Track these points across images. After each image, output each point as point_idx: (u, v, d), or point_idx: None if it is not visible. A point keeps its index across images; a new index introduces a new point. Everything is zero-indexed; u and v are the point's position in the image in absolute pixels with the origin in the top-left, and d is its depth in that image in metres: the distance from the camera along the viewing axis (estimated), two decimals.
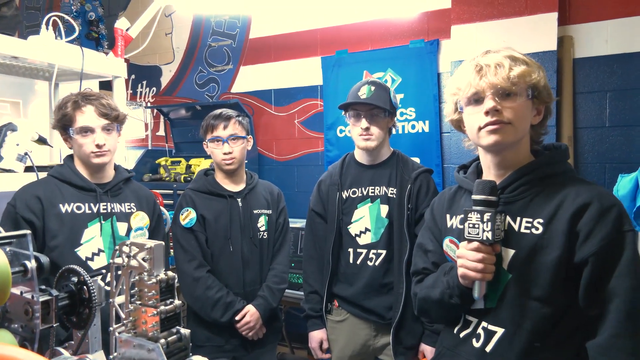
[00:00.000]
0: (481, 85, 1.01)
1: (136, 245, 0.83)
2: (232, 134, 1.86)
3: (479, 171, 1.17)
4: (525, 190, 1.05)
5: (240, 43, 3.46)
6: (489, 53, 1.05)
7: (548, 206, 1.01)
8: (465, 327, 1.11)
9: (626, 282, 0.94)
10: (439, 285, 1.13)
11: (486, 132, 1.02)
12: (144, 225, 1.73)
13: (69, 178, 1.61)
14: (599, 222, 0.96)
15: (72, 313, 0.91)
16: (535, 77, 1.02)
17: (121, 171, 1.74)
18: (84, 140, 1.57)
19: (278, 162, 3.38)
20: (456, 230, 1.16)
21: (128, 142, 3.88)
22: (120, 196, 1.69)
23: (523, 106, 1.02)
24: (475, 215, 0.99)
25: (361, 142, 1.74)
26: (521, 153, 1.08)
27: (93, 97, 1.60)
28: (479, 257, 0.99)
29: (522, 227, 1.03)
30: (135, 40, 2.31)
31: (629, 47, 2.35)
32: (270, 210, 1.98)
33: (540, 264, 0.99)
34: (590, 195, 0.99)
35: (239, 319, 1.82)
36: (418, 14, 2.85)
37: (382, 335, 1.77)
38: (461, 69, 1.08)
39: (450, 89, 1.11)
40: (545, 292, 0.99)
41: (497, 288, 1.04)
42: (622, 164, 2.39)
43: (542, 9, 2.38)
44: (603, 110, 2.45)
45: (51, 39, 1.85)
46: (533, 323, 1.00)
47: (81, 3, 3.49)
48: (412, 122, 2.87)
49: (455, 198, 1.21)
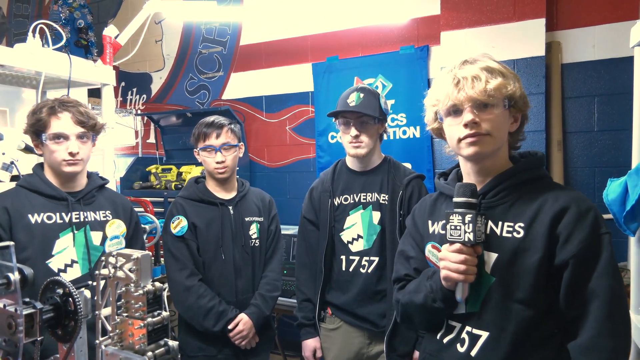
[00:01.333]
0: (459, 98, 1.04)
1: (122, 256, 0.81)
2: (225, 142, 1.84)
3: (459, 177, 1.19)
4: (506, 196, 1.07)
5: (231, 50, 3.46)
6: (466, 64, 1.07)
7: (528, 210, 1.04)
8: (449, 332, 1.12)
9: (605, 283, 0.97)
10: (422, 290, 1.13)
11: (466, 144, 1.05)
12: (121, 234, 1.67)
13: (38, 187, 1.54)
14: (578, 225, 0.99)
15: (57, 326, 0.89)
16: (511, 88, 1.04)
17: (94, 178, 1.68)
18: (57, 147, 1.51)
19: (269, 169, 3.37)
20: (438, 235, 1.16)
21: (118, 149, 3.85)
22: (93, 204, 1.63)
23: (500, 117, 1.05)
24: (457, 217, 1.01)
25: (351, 149, 1.74)
26: (500, 160, 1.11)
27: (70, 103, 1.54)
28: (461, 258, 1.00)
29: (504, 231, 1.05)
30: (125, 47, 2.29)
31: (616, 53, 2.39)
32: (261, 218, 1.96)
33: (523, 266, 1.01)
34: (568, 200, 1.02)
35: (232, 328, 1.80)
36: (408, 20, 2.86)
37: (375, 343, 1.76)
38: (439, 79, 1.10)
39: (430, 100, 1.14)
40: (527, 294, 1.01)
41: (479, 292, 1.06)
42: (611, 167, 2.42)
43: (530, 15, 2.40)
44: (591, 115, 2.48)
45: (38, 47, 1.83)
46: (516, 326, 1.01)
47: (70, 11, 3.46)
48: (403, 127, 2.88)
49: (437, 204, 1.22)
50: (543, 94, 2.42)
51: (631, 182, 1.31)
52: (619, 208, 1.35)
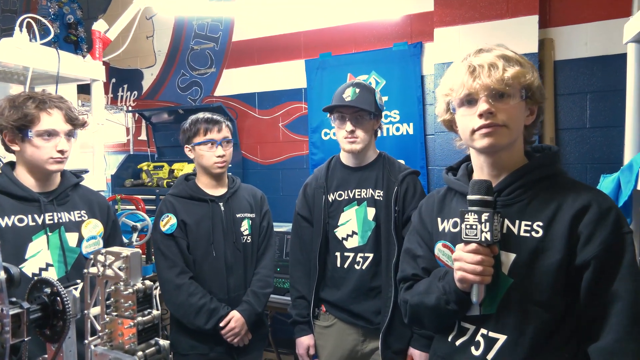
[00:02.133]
0: (474, 87, 0.99)
1: (112, 254, 0.79)
2: (225, 136, 1.86)
3: (470, 172, 1.14)
4: (522, 193, 1.03)
5: (223, 46, 3.43)
6: (481, 52, 1.02)
7: (547, 209, 1.00)
8: (461, 334, 1.08)
9: (628, 285, 0.93)
10: (433, 291, 1.08)
11: (480, 135, 1.00)
12: (98, 234, 1.60)
13: (7, 188, 1.46)
14: (599, 224, 0.95)
15: (45, 326, 0.87)
16: (530, 78, 1.00)
17: (68, 177, 1.61)
18: (45, 144, 1.44)
19: (262, 166, 3.35)
20: (449, 233, 1.12)
21: (109, 147, 3.81)
22: (68, 204, 1.56)
23: (517, 108, 1.00)
24: (473, 216, 0.96)
25: (346, 145, 1.73)
26: (515, 154, 1.06)
27: (58, 99, 1.49)
28: (477, 259, 0.96)
29: (522, 230, 1.00)
30: (115, 42, 2.26)
31: (608, 50, 2.39)
32: (253, 214, 1.95)
33: (542, 267, 0.98)
34: (588, 198, 0.98)
35: (224, 326, 1.78)
36: (401, 16, 2.85)
37: (370, 340, 1.75)
38: (453, 68, 1.05)
39: (442, 89, 1.08)
40: (547, 296, 0.97)
41: (496, 293, 1.02)
42: (604, 164, 2.42)
43: (523, 11, 2.40)
44: (584, 112, 2.48)
45: (25, 42, 1.79)
46: (535, 329, 0.98)
47: (59, 6, 3.41)
48: (397, 124, 2.87)
49: (446, 201, 1.17)
50: None
51: (624, 178, 1.31)
52: None
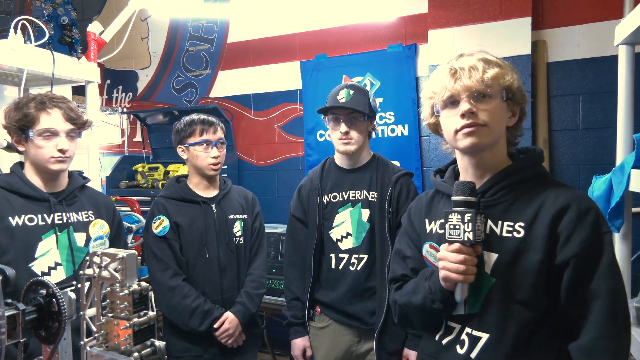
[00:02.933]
0: (456, 88, 1.01)
1: (108, 256, 0.80)
2: (220, 138, 1.86)
3: (456, 174, 1.17)
4: (506, 194, 1.05)
5: (218, 47, 3.43)
6: (462, 56, 1.06)
7: (528, 209, 1.02)
8: (448, 333, 1.10)
9: (607, 284, 0.95)
10: (420, 291, 1.10)
11: (462, 135, 1.02)
12: (104, 234, 1.63)
13: (18, 188, 1.48)
14: (579, 224, 0.97)
15: (40, 327, 0.87)
16: (509, 79, 1.03)
17: (75, 178, 1.63)
18: (46, 143, 1.46)
19: (258, 167, 3.35)
20: (436, 235, 1.14)
21: (104, 148, 3.80)
22: (76, 205, 1.58)
23: (498, 108, 1.03)
24: (456, 216, 0.99)
25: (341, 146, 1.74)
26: (498, 155, 1.08)
27: (59, 100, 1.50)
28: (460, 258, 0.98)
29: (504, 230, 1.03)
30: (110, 44, 2.26)
31: (600, 51, 2.42)
32: (245, 215, 1.95)
33: (524, 267, 0.99)
34: (568, 198, 1.00)
35: (218, 327, 1.78)
36: (396, 18, 2.87)
37: (365, 341, 1.76)
38: (436, 72, 1.08)
39: (426, 93, 1.11)
40: (528, 295, 0.99)
41: (479, 292, 1.03)
42: (596, 165, 2.45)
43: (516, 14, 2.43)
44: (576, 113, 2.51)
45: (20, 43, 1.79)
46: (517, 327, 1.00)
47: (53, 7, 3.39)
48: (392, 125, 2.88)
49: (433, 202, 1.20)
50: (529, 92, 2.44)
51: (616, 179, 1.33)
52: (604, 205, 1.37)
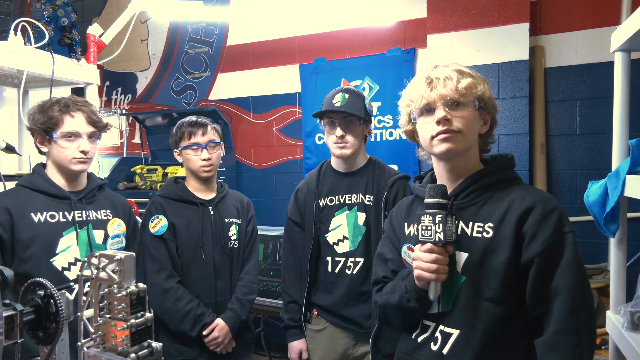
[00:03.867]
0: (432, 97, 1.08)
1: (105, 257, 0.80)
2: (211, 140, 1.84)
3: (434, 180, 1.22)
4: (477, 197, 1.11)
5: (218, 50, 3.44)
6: (438, 67, 1.13)
7: (497, 211, 1.07)
8: (423, 331, 1.14)
9: (568, 280, 1.00)
10: (397, 291, 1.15)
11: (438, 141, 1.08)
12: (121, 233, 1.69)
13: (40, 186, 1.55)
14: (542, 224, 1.02)
15: (38, 328, 0.87)
16: (481, 89, 1.09)
17: (94, 178, 1.70)
18: (68, 144, 1.53)
19: (256, 170, 3.36)
20: (414, 237, 1.18)
21: (102, 149, 3.80)
22: (95, 203, 1.65)
23: (471, 116, 1.09)
24: (428, 218, 1.03)
25: (336, 150, 1.74)
26: (471, 161, 1.15)
27: (81, 103, 1.58)
28: (432, 257, 1.03)
29: (474, 231, 1.08)
30: (109, 46, 2.27)
31: (598, 57, 2.43)
32: (240, 220, 1.95)
33: (491, 265, 1.04)
34: (533, 200, 1.05)
35: (207, 334, 1.77)
36: (395, 23, 2.89)
37: (361, 344, 1.76)
38: (413, 82, 1.15)
39: (404, 101, 1.17)
40: (496, 293, 1.03)
41: (451, 291, 1.08)
42: (593, 170, 2.46)
43: (514, 19, 2.44)
44: (574, 118, 2.52)
45: (20, 45, 1.80)
46: (486, 324, 1.04)
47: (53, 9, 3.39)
48: (390, 129, 2.90)
49: (412, 207, 1.25)
50: (527, 97, 2.46)
51: (611, 185, 1.34)
52: (599, 210, 1.37)
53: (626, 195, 1.29)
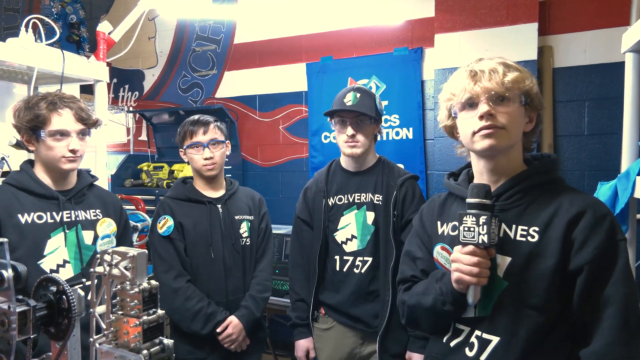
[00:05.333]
0: (476, 90, 1.02)
1: (118, 254, 0.81)
2: (212, 138, 1.83)
3: (470, 178, 1.17)
4: (520, 198, 1.05)
5: (225, 48, 3.45)
6: (482, 60, 1.07)
7: (543, 214, 1.02)
8: (456, 335, 1.10)
9: (620, 290, 0.95)
10: (431, 292, 1.10)
11: (480, 137, 1.03)
12: (111, 233, 1.65)
13: (27, 186, 1.50)
14: (593, 231, 0.97)
15: (50, 324, 0.88)
16: (528, 84, 1.03)
17: (84, 176, 1.65)
18: (57, 143, 1.48)
19: (262, 168, 3.36)
20: (448, 237, 1.14)
21: (109, 146, 3.82)
22: (84, 203, 1.60)
23: (516, 112, 1.03)
24: (471, 219, 0.98)
25: (347, 149, 1.74)
26: (514, 160, 1.09)
27: (69, 99, 1.52)
28: (474, 260, 0.98)
29: (518, 234, 1.03)
30: (117, 43, 2.27)
31: (607, 58, 2.42)
32: (252, 216, 1.95)
33: (537, 272, 1.00)
34: (584, 204, 1.00)
35: (221, 331, 1.77)
36: (402, 22, 2.88)
37: (368, 343, 1.76)
38: (455, 75, 1.09)
39: (444, 95, 1.11)
40: (541, 300, 0.99)
41: (491, 295, 1.04)
42: (601, 171, 2.45)
43: (522, 19, 2.43)
44: (582, 119, 2.51)
45: (31, 42, 1.80)
46: (528, 331, 1.00)
47: (62, 5, 3.42)
48: (397, 128, 2.89)
49: (446, 205, 1.20)
50: None
51: (621, 186, 1.33)
52: None
53: (636, 196, 1.28)
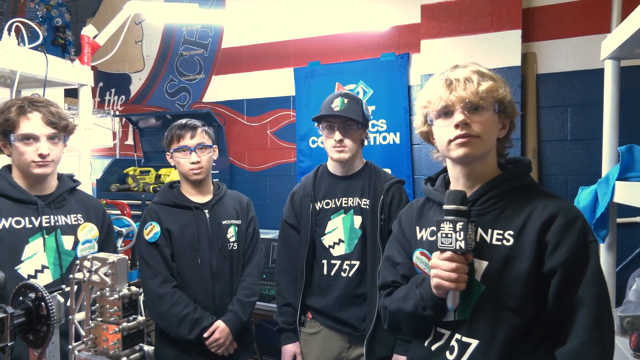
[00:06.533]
0: (451, 99, 1.03)
1: (98, 260, 0.80)
2: (200, 142, 1.82)
3: (447, 183, 1.18)
4: (495, 203, 1.07)
5: (212, 52, 3.44)
6: (457, 68, 1.08)
7: (517, 218, 1.04)
8: (437, 339, 1.11)
9: (593, 291, 0.97)
10: (411, 298, 1.11)
11: (456, 145, 1.04)
12: (93, 238, 1.63)
13: (5, 191, 1.49)
14: (566, 233, 1.00)
15: (28, 331, 0.86)
16: (502, 92, 1.05)
17: (65, 181, 1.64)
18: (26, 148, 1.46)
19: (250, 173, 3.36)
20: (427, 242, 1.15)
21: (95, 151, 3.78)
22: (64, 207, 1.59)
23: (490, 120, 1.05)
24: (448, 225, 1.00)
25: (335, 154, 1.75)
26: (489, 165, 1.11)
27: (40, 103, 1.50)
28: (452, 266, 1.00)
29: (494, 239, 1.05)
30: (104, 47, 2.26)
31: (589, 64, 2.47)
32: (239, 221, 1.94)
33: (512, 275, 1.01)
34: (556, 208, 1.02)
35: (208, 336, 1.76)
36: (389, 27, 2.90)
37: (356, 347, 1.76)
38: (431, 82, 1.10)
39: (421, 102, 1.13)
40: (517, 302, 1.01)
41: (470, 299, 1.05)
42: (583, 176, 2.49)
43: (507, 26, 2.47)
44: (565, 124, 2.55)
45: (13, 45, 1.78)
46: (506, 333, 1.01)
47: (47, 9, 3.39)
48: (384, 133, 2.91)
49: (424, 210, 1.21)
50: (519, 103, 2.48)
51: (601, 191, 1.36)
52: (589, 215, 1.39)
53: (615, 201, 1.31)
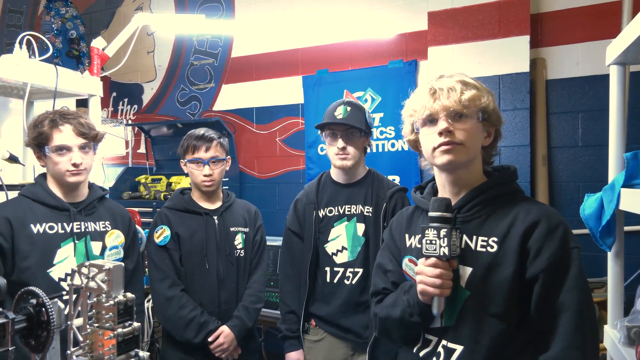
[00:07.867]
0: (435, 108, 1.06)
1: (95, 267, 0.82)
2: (214, 156, 1.86)
3: (435, 191, 1.20)
4: (480, 210, 1.09)
5: (222, 62, 3.49)
6: (442, 78, 1.11)
7: (501, 225, 1.05)
8: (425, 346, 1.12)
9: (574, 296, 0.99)
10: (399, 304, 1.13)
11: (440, 152, 1.07)
12: (119, 244, 1.71)
13: (41, 198, 1.58)
14: (547, 239, 1.01)
15: (30, 336, 0.88)
16: (485, 101, 1.08)
17: (95, 189, 1.73)
18: (60, 158, 1.56)
19: (259, 180, 3.38)
20: (415, 249, 1.17)
21: (108, 159, 3.85)
22: (94, 215, 1.67)
23: (474, 128, 1.07)
24: (432, 232, 1.02)
25: (338, 161, 1.76)
26: (474, 173, 1.13)
27: (71, 115, 1.59)
28: (436, 272, 1.01)
29: (479, 245, 1.06)
30: (117, 58, 2.31)
31: (599, 70, 2.43)
32: (247, 229, 1.97)
33: (496, 281, 1.03)
34: (538, 214, 1.04)
35: (213, 340, 1.79)
36: (396, 35, 2.91)
37: (359, 354, 1.76)
38: (417, 92, 1.14)
39: (407, 111, 1.16)
40: (501, 308, 1.02)
41: (455, 305, 1.07)
42: (595, 182, 2.44)
43: (514, 32, 2.45)
44: (575, 130, 2.51)
45: (25, 58, 1.84)
46: (490, 339, 1.02)
47: (62, 21, 3.48)
48: (392, 140, 2.90)
49: (413, 218, 1.23)
50: (528, 109, 2.46)
51: (606, 198, 1.33)
52: (595, 223, 1.37)
53: (621, 208, 1.28)
